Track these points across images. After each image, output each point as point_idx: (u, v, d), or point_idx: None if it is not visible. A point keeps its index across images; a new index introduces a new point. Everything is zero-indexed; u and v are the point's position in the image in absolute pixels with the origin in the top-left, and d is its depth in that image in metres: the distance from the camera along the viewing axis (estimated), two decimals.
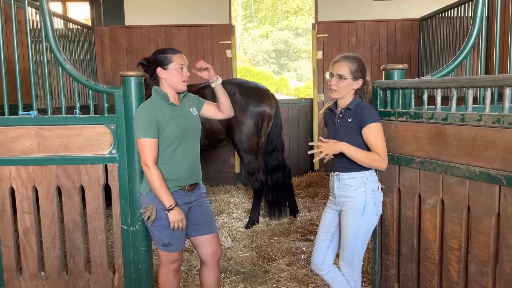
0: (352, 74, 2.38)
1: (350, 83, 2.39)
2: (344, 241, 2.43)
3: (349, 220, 2.40)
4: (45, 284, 2.89)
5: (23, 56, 4.26)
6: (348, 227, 2.40)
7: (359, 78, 2.40)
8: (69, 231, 2.85)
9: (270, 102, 4.59)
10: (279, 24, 23.86)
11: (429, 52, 5.97)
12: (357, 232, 2.39)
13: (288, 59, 24.03)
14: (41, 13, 2.76)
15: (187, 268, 3.51)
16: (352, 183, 2.40)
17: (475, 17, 2.70)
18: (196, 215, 2.54)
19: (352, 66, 2.38)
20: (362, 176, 2.40)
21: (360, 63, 2.40)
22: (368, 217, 2.39)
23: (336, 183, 2.47)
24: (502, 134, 1.86)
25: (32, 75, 2.88)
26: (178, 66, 2.43)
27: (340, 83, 2.38)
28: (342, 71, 2.37)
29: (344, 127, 2.41)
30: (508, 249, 1.86)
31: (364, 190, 2.38)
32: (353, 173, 2.40)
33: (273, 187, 4.65)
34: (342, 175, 2.43)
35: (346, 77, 2.37)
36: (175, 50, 2.49)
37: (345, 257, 2.45)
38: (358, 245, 2.42)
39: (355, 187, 2.39)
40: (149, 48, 6.13)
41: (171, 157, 2.42)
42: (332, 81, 2.40)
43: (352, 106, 2.40)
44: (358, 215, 2.38)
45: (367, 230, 2.43)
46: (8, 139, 2.76)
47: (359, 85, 2.41)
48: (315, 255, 2.55)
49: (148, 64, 2.48)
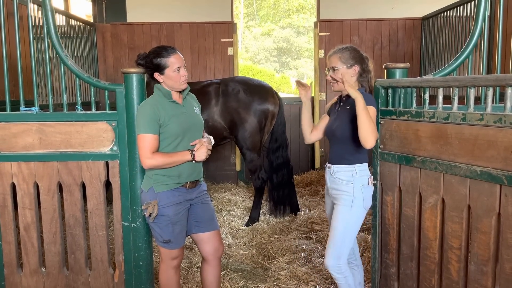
0: (344, 63, 2.44)
1: (345, 71, 2.44)
2: (332, 234, 2.44)
3: (338, 214, 2.43)
4: (45, 279, 2.90)
5: (25, 52, 4.26)
6: (337, 221, 2.43)
7: (353, 65, 2.44)
8: (70, 227, 2.86)
9: (273, 100, 4.59)
10: (281, 22, 23.82)
11: (431, 51, 5.96)
12: (346, 226, 2.41)
13: (289, 58, 23.99)
14: (43, 9, 2.76)
15: (187, 265, 3.51)
16: (341, 176, 2.44)
17: (477, 16, 2.69)
18: (197, 212, 2.55)
19: (343, 56, 2.45)
20: (351, 169, 2.43)
21: (351, 51, 2.46)
22: (356, 210, 2.41)
23: (328, 176, 2.53)
24: (503, 134, 1.86)
25: (34, 71, 2.88)
26: (174, 69, 2.40)
27: (335, 75, 2.46)
28: (334, 63, 2.46)
29: (343, 113, 2.47)
30: (508, 249, 1.86)
31: (352, 184, 2.41)
32: (343, 166, 2.44)
33: (279, 185, 4.66)
34: (333, 167, 2.49)
35: (339, 67, 2.44)
36: (169, 50, 2.43)
37: (333, 253, 2.42)
38: (346, 240, 2.43)
39: (344, 180, 2.43)
40: (151, 45, 6.13)
41: None
42: (328, 76, 2.50)
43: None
44: (346, 208, 2.41)
45: (355, 224, 2.45)
46: (10, 135, 2.77)
47: (356, 71, 2.46)
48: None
49: (146, 65, 2.46)
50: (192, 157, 2.42)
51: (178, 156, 2.40)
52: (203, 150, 2.45)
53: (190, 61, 6.30)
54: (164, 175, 2.42)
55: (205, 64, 6.39)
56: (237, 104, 4.45)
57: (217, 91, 4.53)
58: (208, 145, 2.51)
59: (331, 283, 3.18)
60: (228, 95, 4.48)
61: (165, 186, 2.41)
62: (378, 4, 6.46)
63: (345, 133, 2.43)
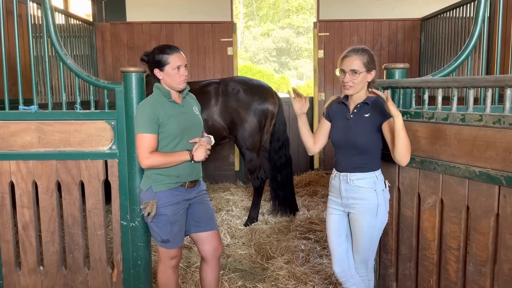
0: (366, 67, 2.27)
1: (365, 76, 2.28)
2: (359, 243, 2.37)
3: (363, 223, 2.32)
4: (43, 279, 2.90)
5: (24, 51, 4.26)
6: (363, 230, 2.33)
7: (372, 69, 2.30)
8: (68, 226, 2.85)
9: (273, 100, 4.60)
10: (281, 23, 23.81)
11: (431, 52, 5.96)
12: (372, 234, 2.35)
13: (289, 58, 23.99)
14: (42, 8, 2.75)
15: (186, 265, 3.51)
16: (362, 184, 2.31)
17: (477, 17, 2.70)
18: (196, 211, 2.55)
19: (364, 58, 2.27)
20: (372, 176, 2.32)
21: (369, 53, 2.31)
22: (381, 218, 2.34)
23: (343, 184, 2.36)
24: (502, 135, 1.86)
25: (33, 70, 2.88)
26: (174, 67, 2.39)
27: (355, 79, 2.26)
28: (355, 66, 2.26)
29: (361, 121, 2.31)
30: (506, 250, 1.86)
31: (375, 191, 2.31)
32: (363, 174, 2.31)
33: (283, 184, 4.67)
34: (350, 175, 2.33)
35: (361, 71, 2.26)
36: (172, 49, 2.43)
37: (360, 258, 2.42)
38: (373, 245, 2.39)
39: (366, 188, 2.31)
40: (150, 44, 6.12)
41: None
42: (347, 78, 2.28)
43: (369, 100, 2.31)
44: (372, 217, 2.31)
45: (381, 230, 2.39)
46: (9, 134, 2.76)
47: (373, 76, 2.32)
48: (338, 263, 2.44)
49: (148, 61, 2.47)
50: (190, 157, 2.42)
51: (177, 156, 2.40)
52: (202, 150, 2.44)
53: (190, 60, 6.30)
54: (163, 175, 2.41)
55: (205, 64, 6.39)
56: (237, 104, 4.45)
57: (217, 91, 4.52)
58: (207, 145, 2.50)
59: (329, 283, 3.18)
60: (228, 94, 4.48)
61: (164, 186, 2.41)
62: (378, 5, 6.47)
63: (369, 143, 2.30)
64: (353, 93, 2.32)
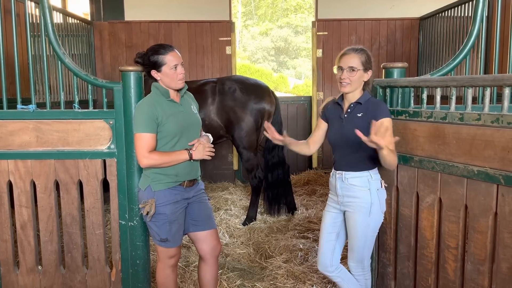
0: (363, 66, 2.33)
1: (361, 74, 2.34)
2: (353, 242, 2.40)
3: (356, 222, 2.35)
4: (42, 278, 2.89)
5: (22, 50, 4.25)
6: (356, 229, 2.36)
7: (369, 69, 2.36)
8: (66, 225, 2.85)
9: (270, 99, 4.60)
10: (279, 22, 23.81)
11: (429, 52, 5.97)
12: (366, 233, 2.36)
13: (287, 57, 23.99)
14: (40, 7, 2.75)
15: (184, 264, 3.51)
16: (356, 182, 2.35)
17: (475, 17, 2.70)
18: (194, 211, 2.55)
19: (362, 57, 2.33)
20: (366, 175, 2.35)
21: (367, 54, 2.37)
22: (375, 217, 2.36)
23: (338, 183, 2.41)
24: (500, 134, 1.86)
25: (31, 69, 2.87)
26: (171, 66, 2.39)
27: (352, 76, 2.31)
28: (353, 63, 2.32)
29: (354, 122, 2.34)
30: (504, 248, 1.87)
31: (369, 189, 2.34)
32: (357, 172, 2.35)
33: (273, 184, 4.67)
34: (345, 174, 2.37)
35: (358, 68, 2.31)
36: (166, 48, 2.43)
37: (355, 257, 2.44)
38: (368, 244, 2.41)
39: (360, 186, 2.34)
40: (148, 43, 6.11)
41: None
42: (344, 75, 2.32)
43: (362, 100, 2.36)
44: (365, 216, 2.33)
45: (375, 228, 2.41)
46: (7, 133, 2.76)
47: (369, 76, 2.37)
48: (322, 256, 2.50)
49: (144, 63, 2.46)
50: (189, 156, 2.42)
51: (175, 155, 2.40)
52: (201, 149, 2.44)
53: (188, 59, 6.30)
54: (161, 174, 2.41)
55: (203, 63, 6.39)
56: (233, 103, 4.45)
57: (213, 90, 4.52)
58: (207, 144, 2.50)
59: (327, 282, 3.18)
60: (224, 94, 4.48)
61: (162, 185, 2.41)
62: (376, 4, 6.47)
63: (362, 141, 2.27)
64: (349, 90, 2.36)
